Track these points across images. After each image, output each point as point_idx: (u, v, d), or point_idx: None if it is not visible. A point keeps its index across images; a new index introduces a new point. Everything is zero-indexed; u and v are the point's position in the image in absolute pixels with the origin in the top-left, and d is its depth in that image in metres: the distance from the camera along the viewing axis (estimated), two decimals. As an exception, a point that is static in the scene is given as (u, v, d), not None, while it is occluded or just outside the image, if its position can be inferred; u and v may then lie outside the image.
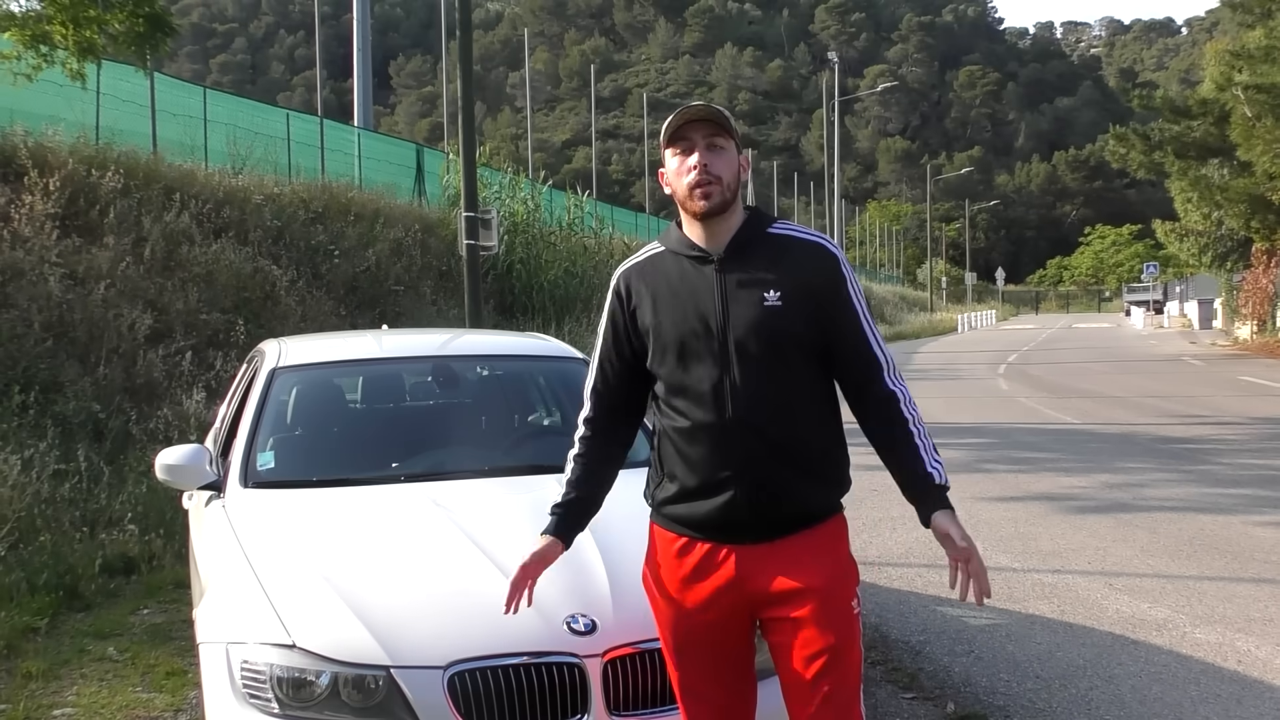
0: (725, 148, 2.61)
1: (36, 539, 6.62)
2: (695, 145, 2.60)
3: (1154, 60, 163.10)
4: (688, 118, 2.61)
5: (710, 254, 2.63)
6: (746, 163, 2.71)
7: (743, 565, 2.59)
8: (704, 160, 2.58)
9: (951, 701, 4.69)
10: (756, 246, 2.63)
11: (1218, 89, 28.82)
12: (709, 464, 2.58)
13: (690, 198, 2.60)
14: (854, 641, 2.60)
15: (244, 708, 2.96)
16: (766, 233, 2.66)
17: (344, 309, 14.41)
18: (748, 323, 2.56)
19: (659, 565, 2.71)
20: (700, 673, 2.67)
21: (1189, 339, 39.37)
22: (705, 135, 2.60)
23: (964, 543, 2.50)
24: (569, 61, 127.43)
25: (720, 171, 2.59)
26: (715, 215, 2.61)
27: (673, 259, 2.69)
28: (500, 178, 21.98)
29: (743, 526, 2.58)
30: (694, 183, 2.58)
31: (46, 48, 9.50)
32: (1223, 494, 9.24)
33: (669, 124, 2.63)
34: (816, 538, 2.61)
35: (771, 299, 2.56)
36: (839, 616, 2.57)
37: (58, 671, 5.16)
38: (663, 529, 2.71)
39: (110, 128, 13.65)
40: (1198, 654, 5.21)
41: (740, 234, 2.64)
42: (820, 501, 2.64)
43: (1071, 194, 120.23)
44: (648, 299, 2.67)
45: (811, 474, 2.60)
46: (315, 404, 4.86)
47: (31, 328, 9.17)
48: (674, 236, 2.71)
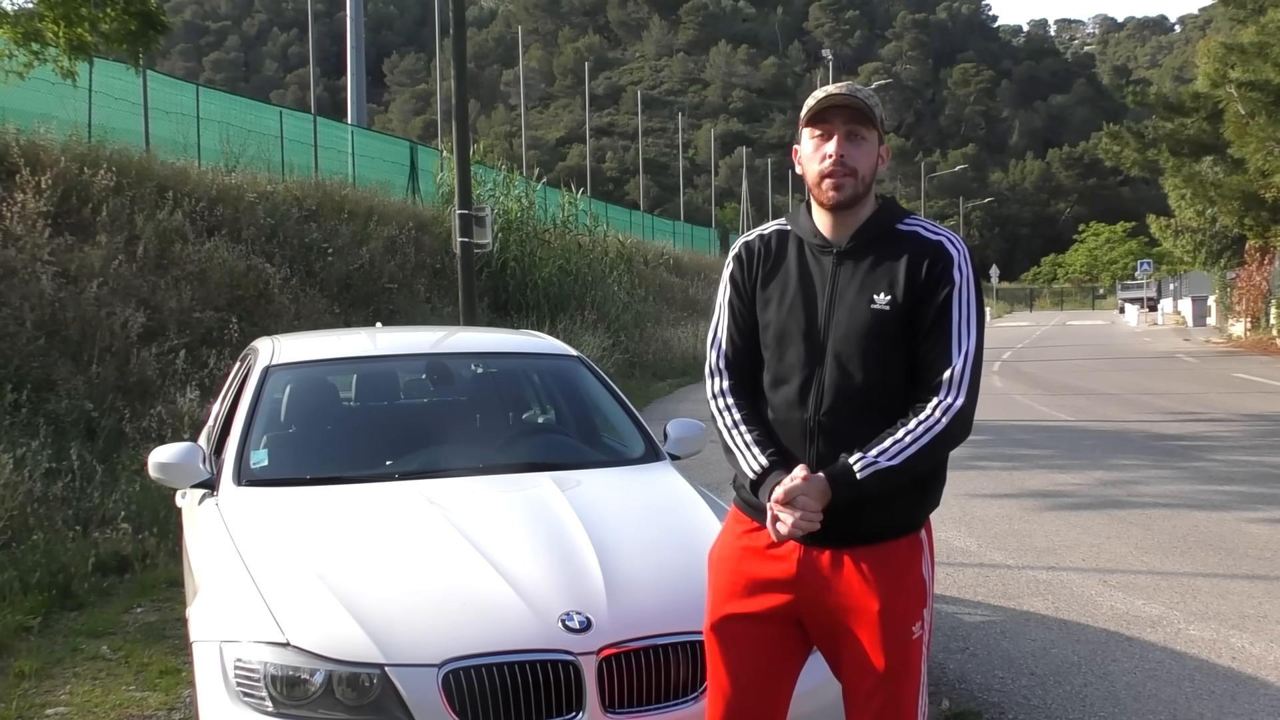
0: (867, 138, 2.50)
1: (29, 538, 6.59)
2: (835, 131, 2.48)
3: (1147, 58, 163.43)
4: (832, 101, 2.48)
5: (832, 245, 2.53)
6: (887, 153, 2.57)
7: (805, 565, 2.49)
8: (841, 151, 2.46)
9: (946, 698, 4.69)
10: (879, 242, 2.52)
11: (1211, 85, 28.86)
12: (789, 457, 2.49)
13: (820, 187, 2.50)
14: (911, 666, 2.49)
15: (238, 706, 2.95)
16: (894, 228, 2.55)
17: (338, 307, 14.39)
18: (850, 324, 2.47)
19: (725, 543, 2.63)
20: (733, 663, 2.56)
21: (1183, 336, 39.44)
22: (847, 122, 2.48)
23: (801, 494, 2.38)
24: (563, 59, 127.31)
25: (857, 164, 2.48)
26: (845, 208, 2.51)
27: (795, 242, 2.59)
28: (494, 175, 21.96)
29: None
30: (827, 171, 2.48)
31: (38, 45, 9.46)
32: (1217, 491, 9.26)
33: (811, 103, 2.51)
34: (887, 554, 2.48)
35: (880, 302, 2.46)
36: (894, 640, 2.46)
37: (51, 670, 5.14)
38: (739, 509, 2.63)
39: (102, 125, 13.62)
40: (1192, 650, 5.21)
41: (865, 228, 2.54)
42: (892, 517, 2.50)
43: (1065, 191, 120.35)
44: (763, 272, 2.58)
45: (892, 489, 2.45)
46: (309, 402, 4.85)
47: (24, 326, 9.14)
48: (802, 220, 2.60)
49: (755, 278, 2.59)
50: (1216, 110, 27.84)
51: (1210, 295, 43.97)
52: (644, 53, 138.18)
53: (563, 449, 4.72)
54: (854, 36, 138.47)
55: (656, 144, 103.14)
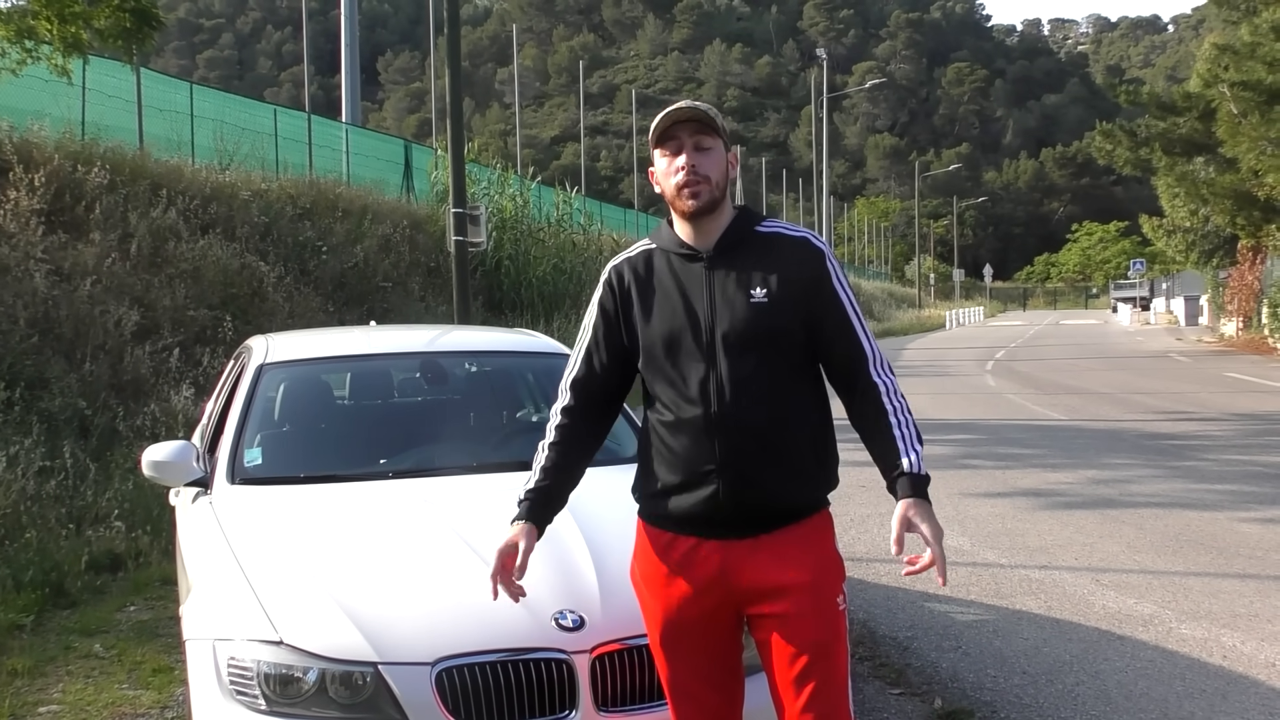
0: (713, 147, 2.63)
1: (22, 536, 6.59)
2: (683, 145, 2.61)
3: (1141, 57, 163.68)
4: (675, 119, 2.62)
5: (700, 252, 2.65)
6: (735, 160, 2.72)
7: (727, 561, 2.59)
8: (692, 161, 2.60)
9: (939, 697, 4.70)
10: (745, 244, 2.65)
11: (1204, 85, 28.92)
12: (693, 458, 2.58)
13: (679, 197, 2.62)
14: (840, 638, 2.60)
15: (231, 704, 2.95)
16: (755, 231, 2.68)
17: (332, 305, 14.37)
18: (735, 319, 2.58)
19: (645, 561, 2.71)
20: (688, 669, 2.67)
21: (1175, 335, 39.54)
22: (692, 134, 2.61)
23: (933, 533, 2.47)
24: (557, 58, 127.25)
25: (708, 171, 2.61)
26: (704, 214, 2.63)
27: (663, 256, 2.71)
28: (489, 174, 21.94)
29: (726, 521, 2.58)
30: (682, 183, 2.60)
31: (31, 43, 9.44)
32: (1208, 490, 9.28)
33: (656, 124, 2.64)
34: (801, 533, 2.61)
35: (759, 296, 2.58)
36: (825, 612, 2.58)
37: (43, 668, 5.14)
38: (649, 524, 2.72)
39: (96, 123, 13.57)
40: (1184, 649, 5.23)
41: (729, 232, 2.66)
42: (805, 497, 2.64)
43: (1059, 191, 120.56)
44: (637, 293, 2.70)
45: (796, 469, 2.60)
46: (303, 400, 4.84)
47: (17, 324, 9.12)
48: (665, 235, 2.73)
49: (629, 300, 2.71)
50: (1209, 110, 27.89)
51: (1203, 295, 44.07)
52: (639, 51, 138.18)
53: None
54: (848, 35, 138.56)
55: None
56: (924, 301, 71.03)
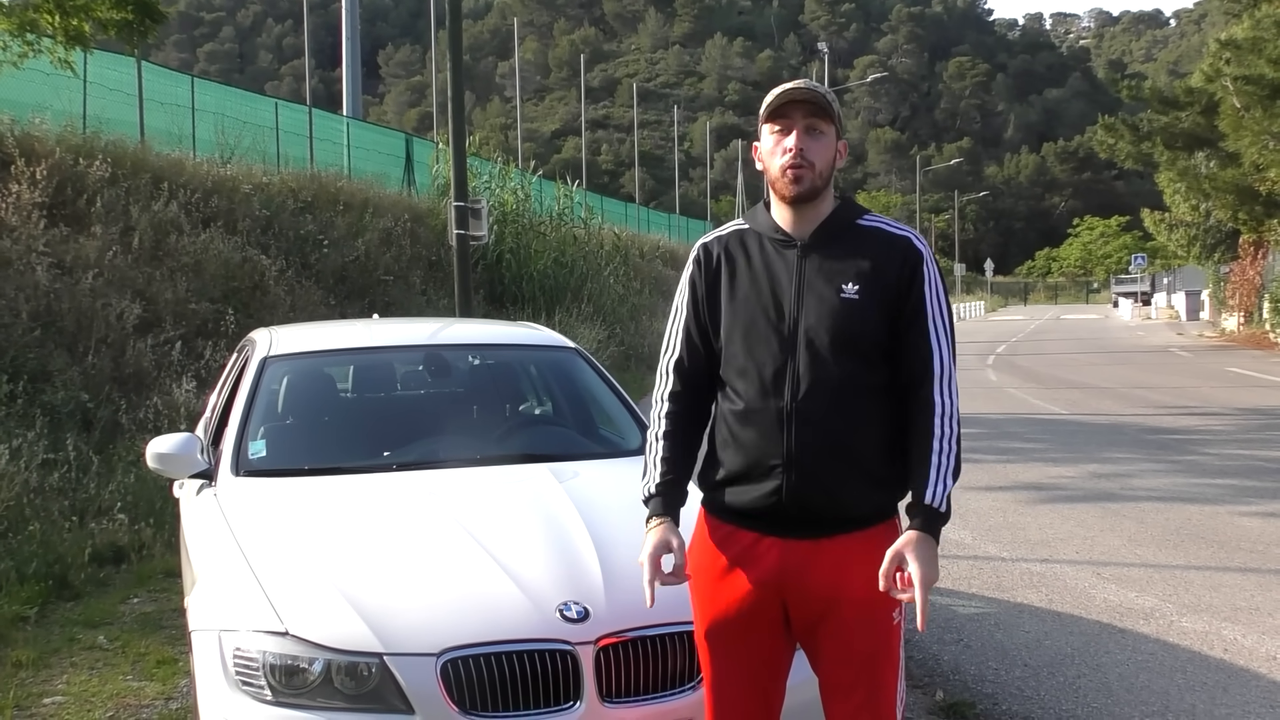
0: (825, 132, 2.54)
1: (25, 528, 6.59)
2: (794, 126, 2.52)
3: (1142, 52, 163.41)
4: (790, 97, 2.53)
5: (795, 239, 2.57)
6: (845, 149, 2.62)
7: (786, 560, 2.51)
8: (800, 144, 2.51)
9: (940, 689, 4.72)
10: (843, 237, 2.57)
11: (1206, 79, 28.88)
12: (760, 450, 2.50)
13: (781, 179, 2.53)
14: (892, 651, 2.53)
15: (236, 695, 2.96)
16: (855, 223, 2.60)
17: (333, 299, 14.37)
18: (821, 313, 2.50)
19: (701, 552, 2.64)
20: (731, 664, 2.60)
21: (1176, 330, 39.52)
22: (805, 116, 2.52)
23: (927, 575, 2.40)
24: (558, 51, 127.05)
25: (815, 157, 2.52)
26: (804, 201, 2.54)
27: (755, 239, 2.63)
28: (490, 167, 21.91)
29: (788, 519, 2.50)
30: (787, 164, 2.51)
31: (33, 36, 9.43)
32: (1209, 484, 9.29)
33: (770, 99, 2.55)
34: (865, 541, 2.50)
35: (849, 292, 2.50)
36: (877, 627, 2.50)
37: (48, 660, 5.15)
38: (709, 515, 2.65)
39: (97, 116, 13.56)
40: (1184, 642, 5.24)
41: (828, 222, 2.58)
42: (873, 503, 2.54)
43: (1060, 185, 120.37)
44: (725, 273, 2.62)
45: (866, 472, 2.51)
46: (306, 393, 4.85)
47: (19, 317, 9.13)
48: (761, 217, 2.65)
49: (717, 279, 2.63)
50: (1211, 104, 27.88)
51: (1204, 289, 44.06)
52: (640, 45, 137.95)
53: (560, 440, 4.73)
54: (850, 29, 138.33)
55: (652, 137, 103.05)
56: (925, 296, 70.82)
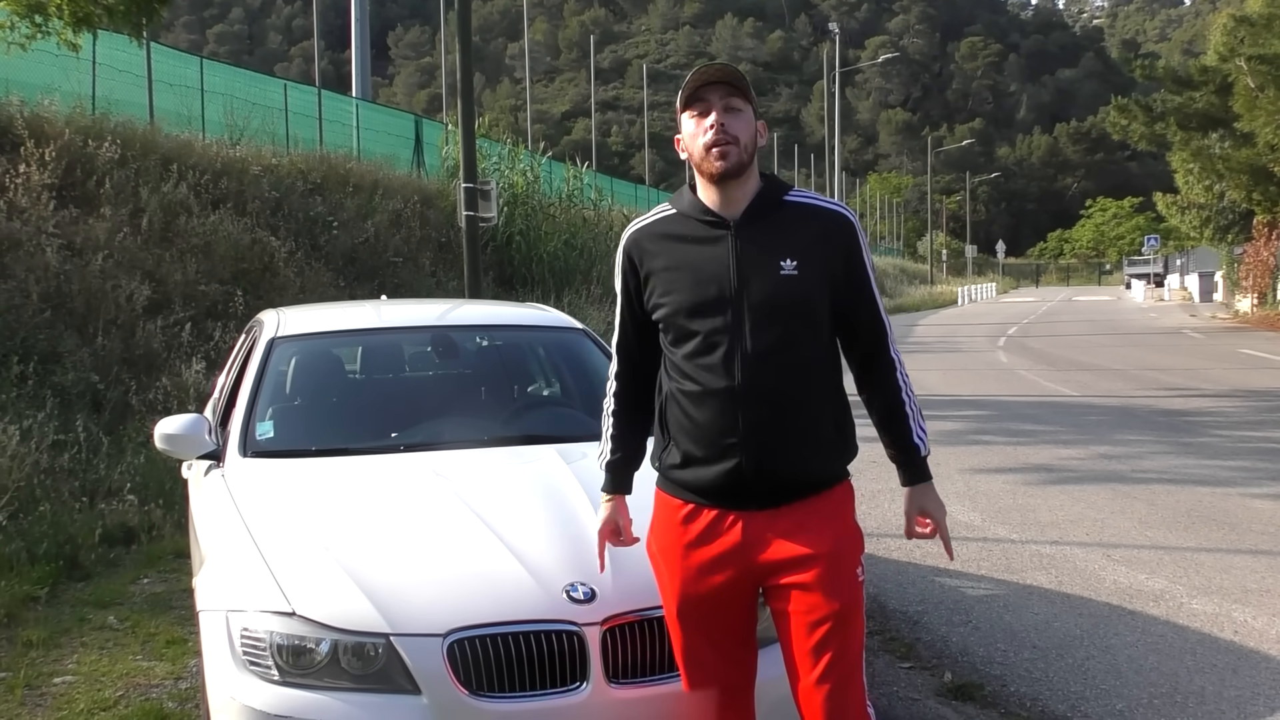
0: (742, 109, 2.58)
1: (36, 509, 6.63)
2: (712, 106, 2.57)
3: (1157, 31, 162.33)
4: (705, 79, 2.58)
5: (725, 219, 2.59)
6: (764, 128, 2.67)
7: (749, 531, 2.58)
8: (721, 120, 2.55)
9: (949, 671, 4.71)
10: (773, 213, 2.60)
11: (1220, 59, 28.66)
12: (716, 430, 2.56)
13: (706, 158, 2.56)
14: (858, 608, 2.60)
15: (244, 675, 2.97)
16: (783, 200, 2.63)
17: (342, 280, 14.38)
18: (763, 291, 2.54)
19: (664, 533, 2.70)
20: (702, 640, 2.67)
21: (1189, 312, 39.36)
22: (722, 96, 2.57)
23: (939, 512, 2.70)
24: (568, 32, 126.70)
25: (738, 132, 2.55)
26: (732, 178, 2.57)
27: (684, 222, 2.65)
28: (499, 149, 21.88)
29: (749, 493, 2.57)
30: (710, 142, 2.55)
31: (41, 18, 9.42)
32: (1221, 466, 9.26)
33: (686, 86, 2.60)
34: (823, 504, 2.62)
35: (788, 268, 2.54)
36: (844, 582, 2.57)
37: (58, 640, 5.18)
38: (668, 495, 2.70)
39: (106, 98, 13.56)
40: (1194, 624, 5.23)
41: (756, 200, 2.61)
42: (827, 468, 2.65)
43: (1073, 166, 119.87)
44: (658, 263, 2.64)
45: (819, 441, 2.60)
46: (314, 374, 4.85)
47: (29, 298, 9.15)
48: (687, 200, 2.67)
49: (650, 268, 2.66)
50: (1225, 84, 27.68)
51: (1217, 271, 43.83)
52: (650, 26, 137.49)
53: (567, 421, 4.72)
54: (861, 10, 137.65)
55: (662, 118, 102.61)
56: (936, 278, 70.80)
